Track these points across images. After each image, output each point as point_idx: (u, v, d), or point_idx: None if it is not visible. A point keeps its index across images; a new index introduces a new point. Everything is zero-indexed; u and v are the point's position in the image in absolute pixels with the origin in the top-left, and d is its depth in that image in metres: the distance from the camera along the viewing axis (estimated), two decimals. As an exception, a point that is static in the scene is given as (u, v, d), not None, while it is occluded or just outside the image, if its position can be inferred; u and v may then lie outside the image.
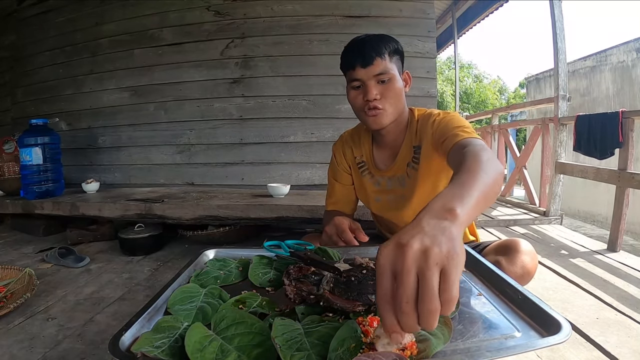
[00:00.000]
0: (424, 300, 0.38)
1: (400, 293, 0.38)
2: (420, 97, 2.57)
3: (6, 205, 2.29)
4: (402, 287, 0.38)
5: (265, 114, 2.71)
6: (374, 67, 0.96)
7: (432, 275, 0.38)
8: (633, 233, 5.07)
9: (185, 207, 2.02)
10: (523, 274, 0.89)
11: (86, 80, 3.00)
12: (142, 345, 0.47)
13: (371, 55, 0.96)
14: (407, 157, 1.08)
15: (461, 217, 0.46)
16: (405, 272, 0.39)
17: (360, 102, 1.01)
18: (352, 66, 0.99)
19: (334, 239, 0.94)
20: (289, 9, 2.69)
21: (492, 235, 2.46)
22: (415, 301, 0.38)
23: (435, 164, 1.02)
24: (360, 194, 1.22)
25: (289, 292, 0.62)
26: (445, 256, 0.39)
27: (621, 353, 1.01)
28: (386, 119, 1.01)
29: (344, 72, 1.04)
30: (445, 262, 0.39)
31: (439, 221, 0.44)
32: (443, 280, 0.38)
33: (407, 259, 0.39)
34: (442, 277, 0.38)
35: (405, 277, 0.39)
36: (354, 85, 1.01)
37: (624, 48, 5.86)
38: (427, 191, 1.05)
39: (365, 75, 0.97)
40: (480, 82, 20.57)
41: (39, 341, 1.10)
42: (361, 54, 0.97)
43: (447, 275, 0.38)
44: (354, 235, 0.92)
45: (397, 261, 0.40)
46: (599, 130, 2.35)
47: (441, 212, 0.46)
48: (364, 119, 1.04)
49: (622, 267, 1.75)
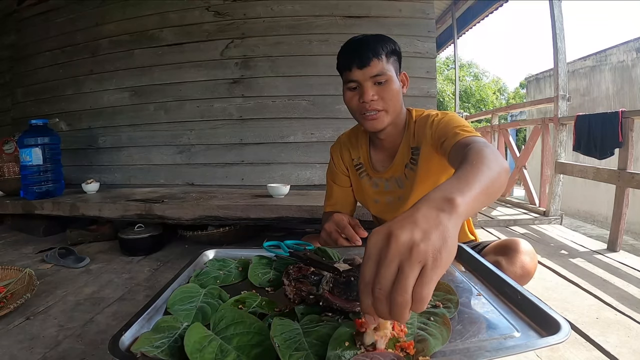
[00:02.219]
0: (395, 292, 0.38)
1: (377, 280, 0.39)
2: (420, 97, 2.57)
3: (6, 205, 2.29)
4: (379, 276, 0.39)
5: (265, 114, 2.71)
6: (370, 68, 0.95)
7: (411, 272, 0.38)
8: (633, 233, 5.07)
9: (185, 207, 2.02)
10: (523, 274, 0.89)
11: (86, 81, 3.00)
12: (142, 345, 0.47)
13: (368, 56, 0.94)
14: (405, 159, 1.07)
15: (460, 208, 0.45)
16: (387, 264, 0.39)
17: (356, 104, 1.00)
18: (349, 67, 0.97)
19: (334, 236, 0.92)
20: (289, 9, 2.69)
21: (492, 235, 2.46)
22: (390, 291, 0.39)
23: (434, 164, 1.02)
24: (359, 196, 1.22)
25: (289, 292, 0.62)
26: (430, 255, 0.39)
27: (621, 353, 1.01)
28: (383, 121, 1.00)
29: (340, 73, 1.02)
30: (428, 262, 0.38)
31: (437, 212, 0.43)
32: (420, 278, 0.38)
33: (391, 250, 0.39)
34: (421, 274, 0.38)
35: (385, 268, 0.39)
36: (350, 87, 0.99)
37: (624, 48, 5.86)
38: (426, 192, 1.05)
39: (362, 76, 0.96)
40: (480, 81, 20.55)
41: (39, 341, 1.10)
42: (358, 54, 0.95)
43: (424, 274, 0.38)
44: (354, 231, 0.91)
45: (382, 250, 0.40)
46: (599, 130, 2.35)
47: (440, 201, 0.45)
48: (361, 122, 1.04)
49: (622, 267, 1.75)
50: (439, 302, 0.59)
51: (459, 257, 0.84)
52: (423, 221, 0.41)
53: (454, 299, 0.59)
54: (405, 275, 0.38)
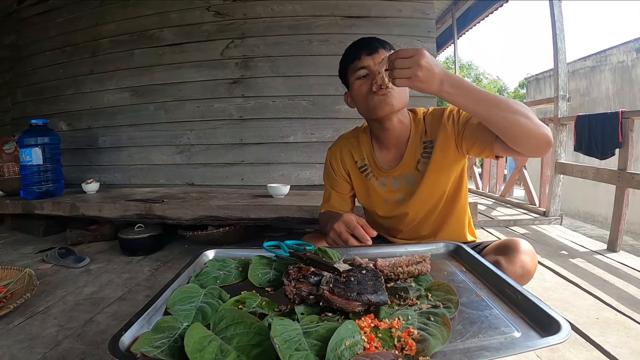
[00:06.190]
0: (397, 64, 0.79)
1: (396, 55, 0.81)
2: (420, 97, 2.56)
3: (6, 205, 2.29)
4: (399, 53, 0.80)
5: (265, 114, 2.71)
6: (379, 54, 0.99)
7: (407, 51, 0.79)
8: (633, 233, 5.07)
9: (185, 207, 2.02)
10: (523, 273, 0.89)
11: (86, 81, 3.00)
12: (142, 345, 0.47)
13: (376, 45, 1.01)
14: (416, 154, 1.08)
15: (445, 77, 0.79)
16: (404, 53, 0.79)
17: (367, 90, 1.01)
18: (358, 55, 1.01)
19: (344, 236, 0.90)
20: (289, 9, 2.69)
21: (492, 236, 2.46)
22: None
23: (450, 153, 1.03)
24: (364, 200, 1.20)
25: (289, 292, 0.62)
26: (423, 64, 0.77)
27: (621, 353, 1.01)
28: (395, 100, 1.00)
29: (347, 67, 1.05)
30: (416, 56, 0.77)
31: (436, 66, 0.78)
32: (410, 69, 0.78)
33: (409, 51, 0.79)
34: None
35: (403, 52, 0.80)
36: (359, 75, 1.02)
37: (624, 48, 5.86)
38: (441, 182, 1.06)
39: (371, 61, 0.99)
40: (480, 82, 20.57)
41: (39, 341, 1.10)
42: (366, 44, 1.01)
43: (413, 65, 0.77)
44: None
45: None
46: (599, 131, 2.35)
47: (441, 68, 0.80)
48: (372, 103, 1.01)
49: (621, 267, 1.75)
50: (439, 302, 0.59)
51: (459, 257, 0.84)
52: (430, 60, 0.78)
53: (454, 299, 0.59)
54: (409, 61, 0.78)
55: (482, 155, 1.00)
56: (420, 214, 1.11)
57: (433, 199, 1.08)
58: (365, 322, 0.51)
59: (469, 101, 0.82)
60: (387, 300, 0.57)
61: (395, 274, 0.70)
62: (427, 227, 1.13)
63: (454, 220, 1.12)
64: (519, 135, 0.83)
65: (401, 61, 0.78)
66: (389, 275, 0.70)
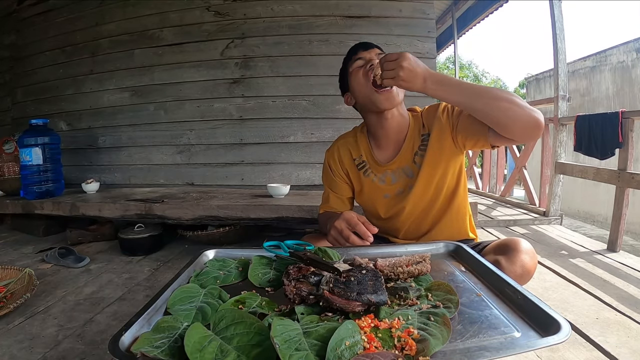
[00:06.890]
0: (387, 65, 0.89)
1: (385, 59, 0.91)
2: (420, 97, 2.56)
3: (6, 205, 2.29)
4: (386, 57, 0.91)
5: (265, 114, 2.71)
6: (374, 50, 1.09)
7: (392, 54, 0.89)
8: (633, 233, 5.07)
9: (185, 207, 2.02)
10: (522, 273, 0.89)
11: (86, 81, 3.00)
12: (142, 345, 0.47)
13: (371, 45, 1.11)
14: (414, 147, 1.09)
15: (428, 75, 0.88)
16: (391, 57, 0.89)
17: (364, 74, 1.05)
18: (355, 52, 1.10)
19: (345, 233, 0.90)
20: (289, 9, 2.69)
21: (492, 236, 2.46)
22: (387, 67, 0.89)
23: (447, 146, 1.05)
24: (364, 200, 1.20)
25: (289, 292, 0.62)
26: (406, 67, 0.86)
27: (621, 353, 1.01)
28: (397, 94, 1.05)
29: (347, 65, 1.11)
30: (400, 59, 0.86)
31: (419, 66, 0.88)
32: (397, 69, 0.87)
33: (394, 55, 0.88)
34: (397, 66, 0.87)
35: (390, 55, 0.90)
36: (358, 65, 1.09)
37: (624, 48, 5.86)
38: (438, 175, 1.07)
39: (367, 54, 1.08)
40: (480, 82, 20.58)
41: (39, 341, 1.10)
42: (363, 43, 1.12)
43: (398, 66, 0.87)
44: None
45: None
46: (599, 131, 2.35)
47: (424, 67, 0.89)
48: (374, 99, 1.04)
49: (621, 267, 1.75)
50: (439, 302, 0.59)
51: (459, 257, 0.84)
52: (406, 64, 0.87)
53: (454, 299, 0.59)
54: (394, 63, 0.88)
55: (478, 146, 1.02)
56: (418, 208, 1.11)
57: (430, 191, 1.09)
58: (365, 322, 0.51)
59: (452, 94, 0.90)
60: (387, 300, 0.57)
61: (395, 274, 0.70)
62: (426, 223, 1.13)
63: (454, 216, 1.12)
64: (504, 120, 0.88)
65: (387, 64, 0.89)
66: (389, 275, 0.70)
